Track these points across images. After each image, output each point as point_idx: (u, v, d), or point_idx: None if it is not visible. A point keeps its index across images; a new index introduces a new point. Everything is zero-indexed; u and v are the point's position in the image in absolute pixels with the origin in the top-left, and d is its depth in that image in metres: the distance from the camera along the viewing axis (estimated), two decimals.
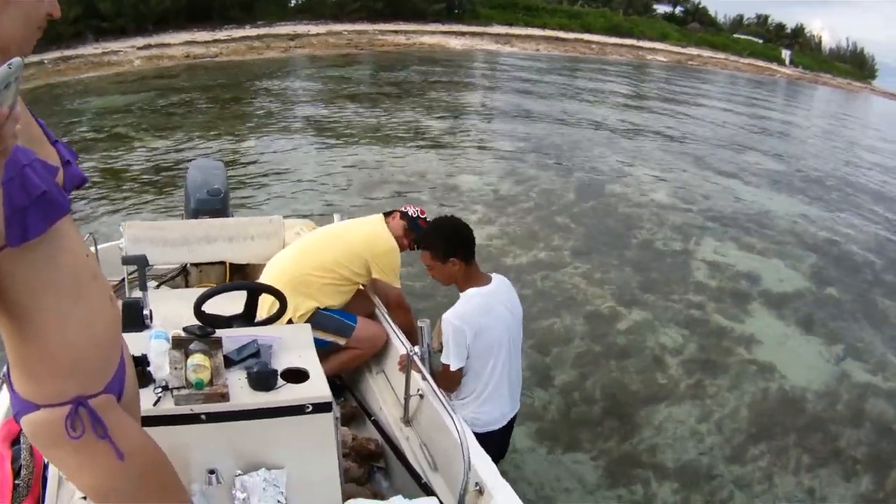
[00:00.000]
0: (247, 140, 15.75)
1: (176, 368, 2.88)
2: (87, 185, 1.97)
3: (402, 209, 4.89)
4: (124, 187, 11.90)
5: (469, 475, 3.08)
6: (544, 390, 6.58)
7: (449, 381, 3.83)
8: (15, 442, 2.97)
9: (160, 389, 2.81)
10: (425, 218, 4.92)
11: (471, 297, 3.82)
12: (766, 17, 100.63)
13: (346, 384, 4.89)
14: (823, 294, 9.82)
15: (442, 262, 3.83)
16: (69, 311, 1.71)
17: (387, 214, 4.92)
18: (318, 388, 3.05)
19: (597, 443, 6.06)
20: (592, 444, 6.03)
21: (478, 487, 3.13)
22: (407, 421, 4.07)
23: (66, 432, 1.73)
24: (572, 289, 8.69)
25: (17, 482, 2.83)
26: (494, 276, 4.01)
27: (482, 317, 3.78)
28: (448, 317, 3.73)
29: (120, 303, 3.05)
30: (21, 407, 1.77)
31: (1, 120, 1.19)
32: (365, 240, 4.71)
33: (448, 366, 3.75)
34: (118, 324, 1.97)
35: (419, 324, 3.85)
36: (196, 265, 5.68)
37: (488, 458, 3.31)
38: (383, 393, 4.50)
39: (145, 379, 2.82)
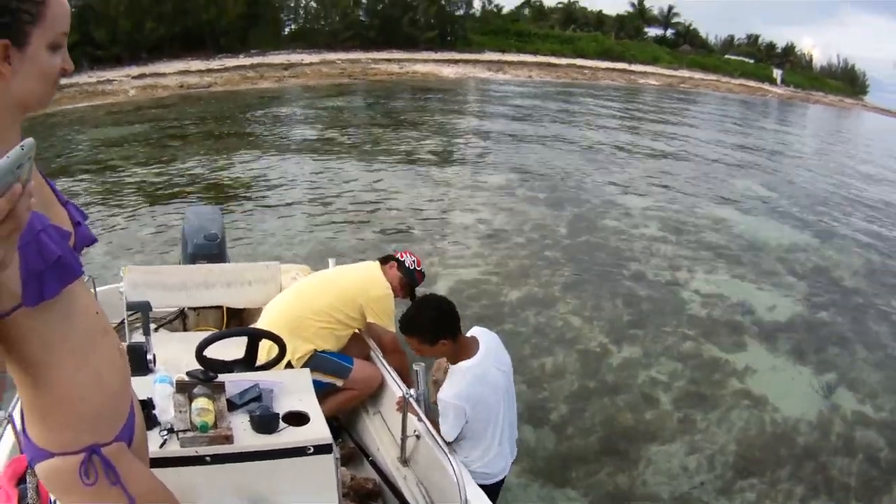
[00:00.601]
0: (241, 173, 15.86)
1: (181, 412, 2.97)
2: (95, 243, 2.08)
3: (399, 257, 4.99)
4: (119, 221, 11.97)
5: (459, 490, 3.18)
6: (537, 428, 6.62)
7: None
8: (21, 481, 3.02)
9: (166, 432, 2.91)
10: (421, 270, 5.07)
11: (465, 373, 3.83)
12: (757, 37, 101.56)
13: (343, 425, 4.96)
14: (815, 321, 9.90)
15: (431, 346, 3.84)
16: (82, 364, 1.80)
17: (384, 261, 5.02)
18: (318, 430, 3.16)
19: (589, 478, 6.10)
20: (585, 479, 6.08)
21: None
22: (404, 461, 4.14)
23: (81, 479, 1.82)
24: (564, 325, 8.74)
25: None
26: (480, 335, 4.04)
27: (478, 388, 3.83)
28: (445, 397, 3.77)
29: (124, 345, 3.15)
30: (36, 454, 1.86)
31: (15, 198, 1.26)
32: (359, 284, 4.81)
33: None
34: (128, 375, 2.07)
35: (415, 367, 3.97)
36: (194, 309, 5.78)
37: (485, 497, 3.41)
38: (380, 434, 4.57)
39: (151, 422, 2.92)
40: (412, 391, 3.87)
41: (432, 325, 3.82)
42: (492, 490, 3.95)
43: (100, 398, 1.88)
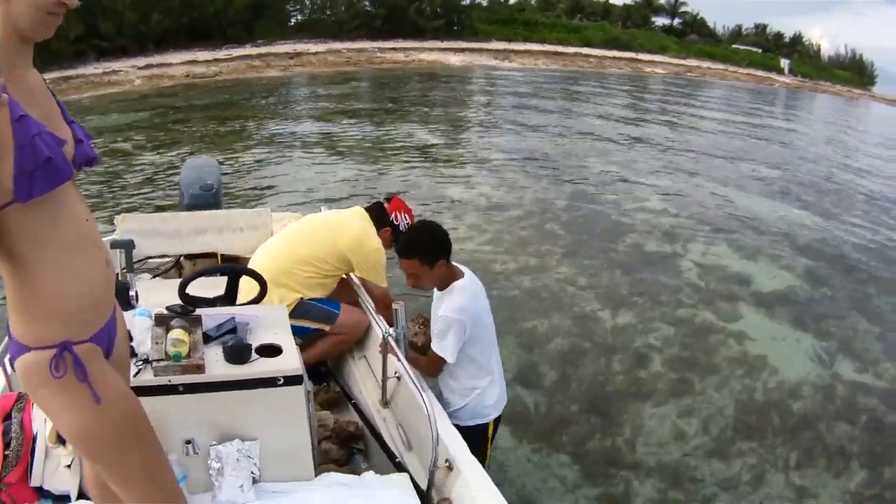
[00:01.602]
0: (244, 154, 15.92)
1: (157, 343, 3.01)
2: (97, 163, 2.19)
3: (394, 220, 4.94)
4: (122, 193, 12.07)
5: (438, 452, 3.19)
6: (528, 389, 6.64)
7: (436, 367, 3.97)
8: (7, 418, 3.12)
9: (141, 362, 2.95)
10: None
11: (462, 290, 3.93)
12: (765, 27, 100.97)
13: (330, 371, 5.01)
14: (816, 293, 9.89)
15: (430, 268, 3.89)
16: (65, 264, 1.92)
17: (376, 218, 4.93)
18: (289, 361, 3.14)
19: (581, 442, 6.11)
20: (576, 443, 6.08)
21: (447, 464, 3.26)
22: (385, 403, 4.19)
23: (50, 372, 1.91)
24: (560, 291, 8.77)
25: (6, 453, 2.98)
26: (456, 264, 4.12)
27: (475, 303, 3.95)
28: (447, 313, 3.83)
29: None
30: (15, 350, 1.98)
31: None
32: (349, 239, 4.75)
33: (439, 357, 3.87)
34: (111, 286, 2.16)
35: (394, 306, 3.90)
36: (189, 258, 5.82)
37: (458, 436, 3.46)
38: (364, 377, 4.63)
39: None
40: (392, 330, 3.87)
41: (432, 245, 3.90)
42: (482, 431, 4.08)
43: (78, 299, 1.97)
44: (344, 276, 4.98)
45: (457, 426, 3.69)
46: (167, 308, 3.24)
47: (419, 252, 3.89)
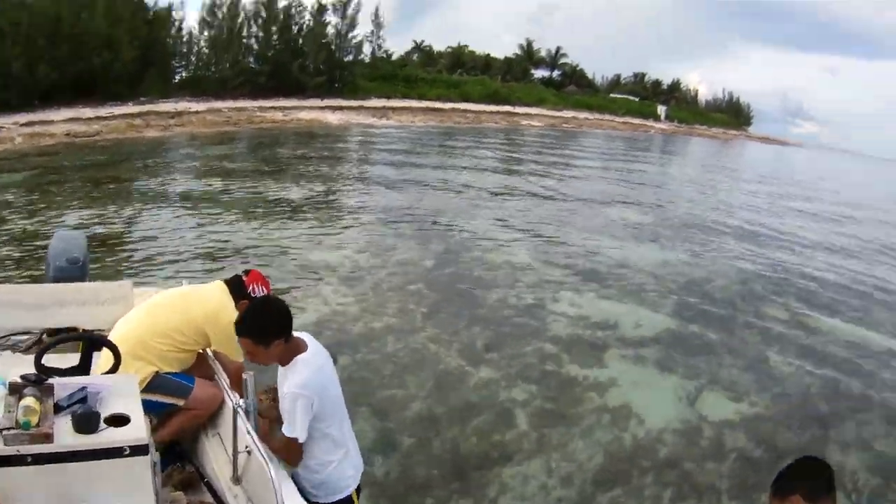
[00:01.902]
0: (115, 219, 15.47)
1: (9, 411, 2.99)
2: None
3: (251, 292, 4.87)
4: None
5: None
6: (386, 456, 6.56)
7: (295, 454, 3.87)
8: None
9: None
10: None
11: (304, 364, 3.83)
12: (644, 75, 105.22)
13: (185, 450, 4.90)
14: (682, 333, 10.23)
15: (265, 347, 3.76)
16: None
17: (234, 289, 4.88)
18: (136, 431, 3.13)
19: None
20: None
21: None
22: (236, 480, 4.11)
23: None
24: (420, 351, 8.74)
25: None
26: (304, 336, 4.03)
27: (320, 377, 3.86)
28: (291, 390, 3.72)
29: None
30: None
31: None
32: (207, 312, 4.71)
33: (295, 439, 3.76)
34: None
35: (244, 376, 3.86)
36: (51, 334, 5.64)
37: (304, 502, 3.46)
38: (217, 454, 4.53)
39: None
40: (241, 401, 3.83)
41: (267, 326, 3.77)
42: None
43: None
44: (201, 350, 4.89)
45: None
46: (21, 377, 3.22)
47: (253, 333, 3.77)
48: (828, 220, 29.25)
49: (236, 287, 4.91)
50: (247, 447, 3.90)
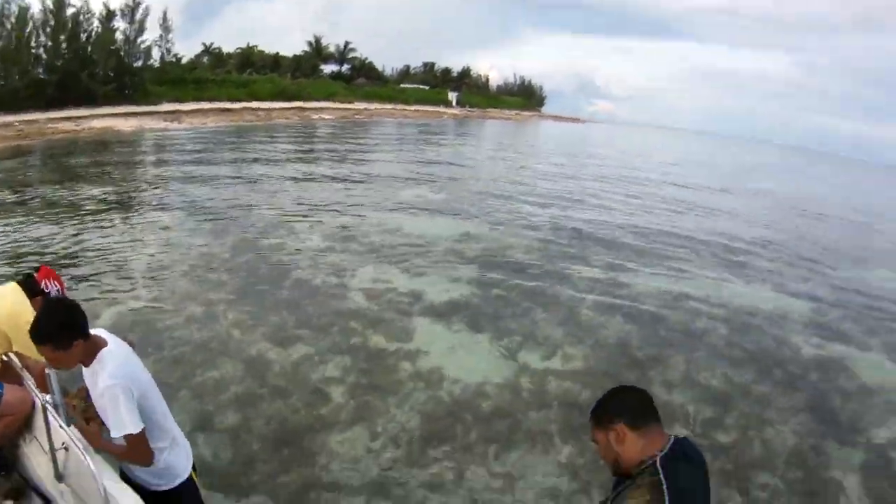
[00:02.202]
0: None
1: None
2: None
3: (44, 288, 4.71)
4: None
5: None
6: (211, 438, 6.35)
7: (141, 448, 3.63)
8: None
9: None
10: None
11: (110, 356, 3.62)
12: (433, 65, 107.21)
13: (6, 458, 4.65)
14: (490, 297, 10.31)
15: (66, 351, 3.51)
16: None
17: (28, 289, 4.70)
18: None
19: (273, 478, 5.94)
20: (269, 480, 5.90)
21: None
22: (59, 477, 3.94)
23: None
24: (229, 338, 8.40)
25: None
26: (98, 332, 3.78)
27: (129, 366, 3.67)
28: (106, 384, 3.49)
29: None
30: None
31: None
32: (4, 315, 4.54)
33: (132, 434, 3.52)
34: None
35: (46, 371, 3.61)
36: None
37: (128, 489, 3.38)
38: (37, 457, 4.37)
39: None
40: (48, 397, 3.62)
41: (63, 328, 3.52)
42: (189, 487, 3.99)
43: None
44: (5, 357, 4.60)
45: (162, 492, 3.75)
46: None
47: (52, 338, 3.51)
48: (615, 181, 30.96)
49: (28, 285, 4.80)
50: (63, 444, 3.78)
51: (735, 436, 7.76)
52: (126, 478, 3.83)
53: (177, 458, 3.90)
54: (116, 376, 3.52)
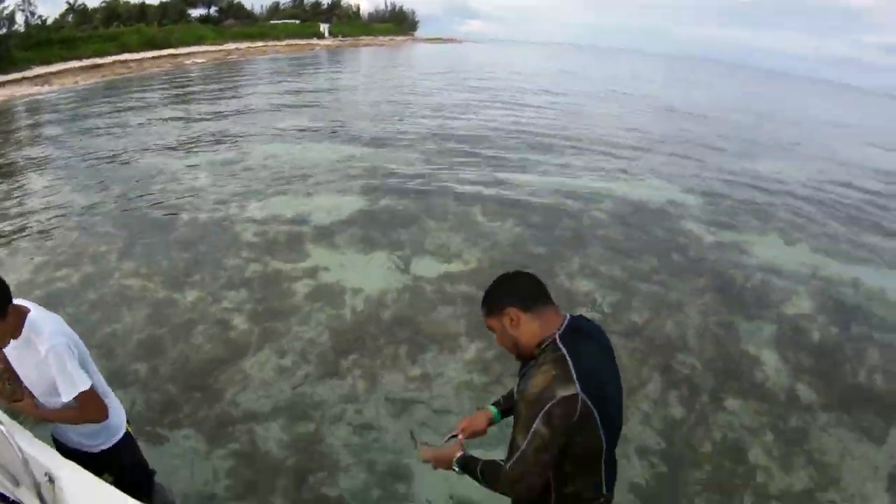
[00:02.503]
0: None
1: None
2: None
3: None
4: None
5: (33, 470, 2.89)
6: (126, 389, 6.25)
7: (94, 404, 3.53)
8: None
9: None
10: None
11: (39, 319, 3.44)
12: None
13: None
14: (380, 213, 10.34)
15: (4, 320, 3.29)
16: None
17: None
18: None
19: (193, 415, 5.94)
20: (189, 418, 5.90)
21: (48, 477, 2.96)
22: None
23: None
24: (124, 289, 8.19)
25: None
26: (16, 303, 3.52)
27: (59, 323, 3.52)
28: (47, 345, 3.33)
29: None
30: None
31: None
32: None
33: (84, 391, 3.41)
34: None
35: None
36: None
37: (48, 447, 3.21)
38: None
39: None
40: None
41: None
42: (129, 439, 3.97)
43: None
44: None
45: (101, 452, 3.72)
46: None
47: None
48: (492, 92, 31.09)
49: None
50: None
51: (644, 318, 8.08)
52: (59, 446, 3.72)
53: (117, 412, 3.85)
54: (56, 335, 3.39)
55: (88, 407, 3.53)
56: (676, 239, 10.14)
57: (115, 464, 3.88)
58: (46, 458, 3.06)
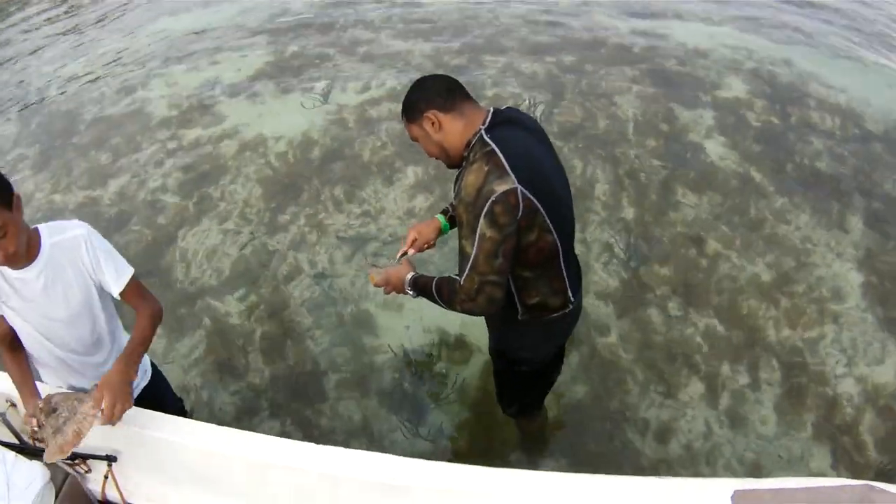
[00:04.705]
0: None
1: None
2: None
3: None
4: None
5: None
6: None
7: (147, 292, 3.23)
8: None
9: None
10: None
11: (51, 223, 3.08)
12: None
13: None
14: (287, 58, 9.82)
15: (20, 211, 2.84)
16: None
17: None
18: None
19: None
20: None
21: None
22: None
23: None
24: (50, 204, 7.62)
25: None
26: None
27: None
28: (77, 229, 3.01)
29: None
30: None
31: None
32: None
33: (133, 275, 3.12)
34: None
35: None
36: None
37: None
38: None
39: None
40: None
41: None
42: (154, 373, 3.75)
43: None
44: None
45: (145, 389, 3.55)
46: None
47: None
48: None
49: None
50: None
51: (579, 116, 7.99)
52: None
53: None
54: (78, 224, 3.03)
55: (146, 297, 3.16)
56: (595, 32, 9.86)
57: (157, 399, 3.56)
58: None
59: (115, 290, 3.03)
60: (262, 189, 7.13)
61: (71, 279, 2.96)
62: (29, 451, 2.97)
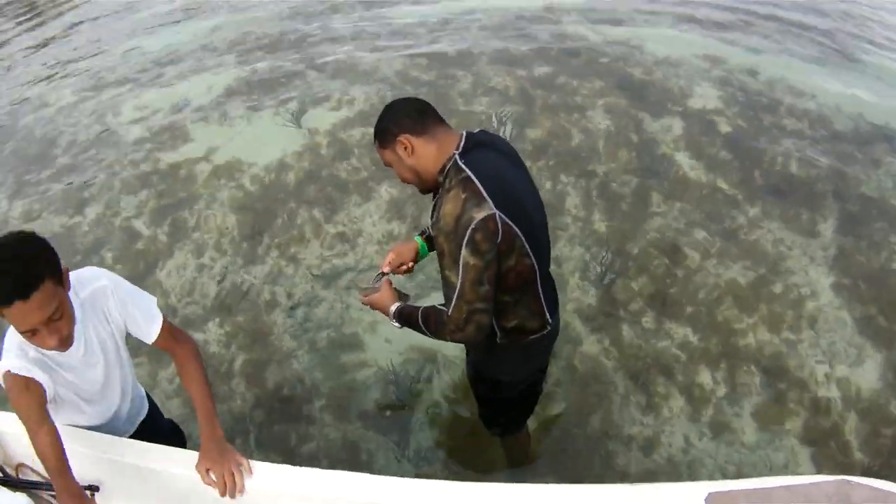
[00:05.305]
0: None
1: None
2: None
3: None
4: None
5: None
6: None
7: (178, 330, 3.21)
8: None
9: None
10: None
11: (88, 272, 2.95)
12: None
13: None
14: (257, 76, 9.75)
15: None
16: None
17: None
18: None
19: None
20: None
21: None
22: None
23: None
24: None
25: None
26: None
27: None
28: (101, 279, 2.87)
29: None
30: None
31: None
32: None
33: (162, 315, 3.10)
34: None
35: None
36: None
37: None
38: None
39: None
40: None
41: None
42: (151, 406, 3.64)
43: None
44: None
45: (144, 421, 3.48)
46: None
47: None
48: None
49: None
50: None
51: (549, 129, 7.98)
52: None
53: None
54: (98, 273, 2.89)
55: (178, 336, 3.08)
56: (564, 43, 9.85)
57: (155, 432, 3.44)
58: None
59: (150, 339, 2.97)
60: (237, 217, 7.11)
61: (104, 336, 2.87)
62: (13, 483, 2.94)
